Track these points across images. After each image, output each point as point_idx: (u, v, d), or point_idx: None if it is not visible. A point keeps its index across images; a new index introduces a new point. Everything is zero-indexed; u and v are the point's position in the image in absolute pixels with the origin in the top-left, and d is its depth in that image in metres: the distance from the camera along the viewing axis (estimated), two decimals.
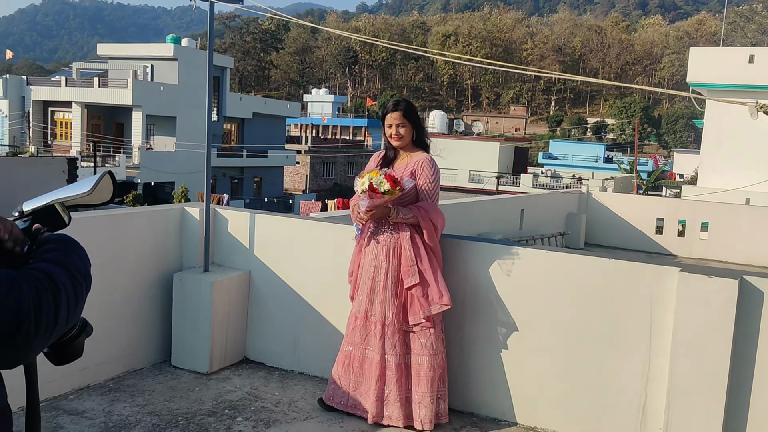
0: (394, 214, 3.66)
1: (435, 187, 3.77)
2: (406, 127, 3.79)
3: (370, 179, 3.58)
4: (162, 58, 36.99)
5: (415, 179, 3.74)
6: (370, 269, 3.78)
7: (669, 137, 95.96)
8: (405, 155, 3.87)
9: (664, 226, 11.72)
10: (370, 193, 3.58)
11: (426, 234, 3.70)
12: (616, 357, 3.70)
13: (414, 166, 3.77)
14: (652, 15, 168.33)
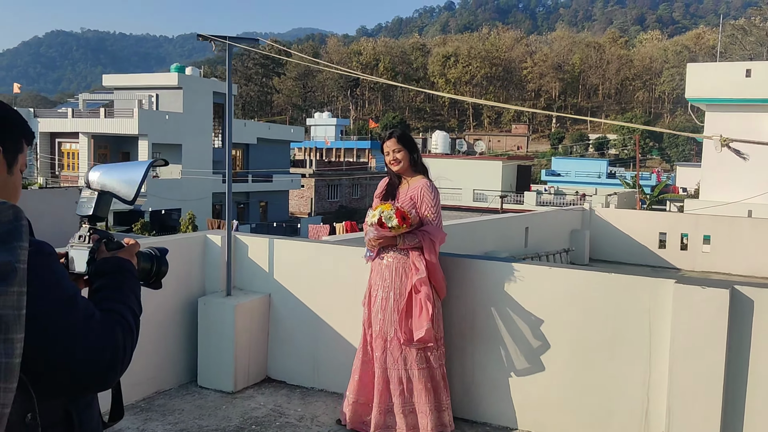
0: (401, 242, 3.95)
1: (437, 210, 4.05)
2: (402, 152, 4.08)
3: (381, 213, 3.87)
4: (166, 87, 37.52)
5: (415, 205, 4.00)
6: (378, 288, 4.05)
7: (671, 151, 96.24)
8: (405, 180, 4.15)
9: (667, 240, 11.94)
10: (377, 227, 3.87)
11: (428, 258, 3.95)
12: (619, 365, 3.94)
13: (413, 192, 4.05)
14: (650, 30, 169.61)
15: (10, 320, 1.02)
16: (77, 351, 1.32)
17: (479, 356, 4.30)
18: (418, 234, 3.96)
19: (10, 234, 1.05)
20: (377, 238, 3.97)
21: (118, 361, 1.39)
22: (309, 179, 51.39)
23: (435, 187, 4.10)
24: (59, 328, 1.30)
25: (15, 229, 1.05)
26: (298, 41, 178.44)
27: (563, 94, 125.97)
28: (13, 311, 1.03)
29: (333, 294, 4.79)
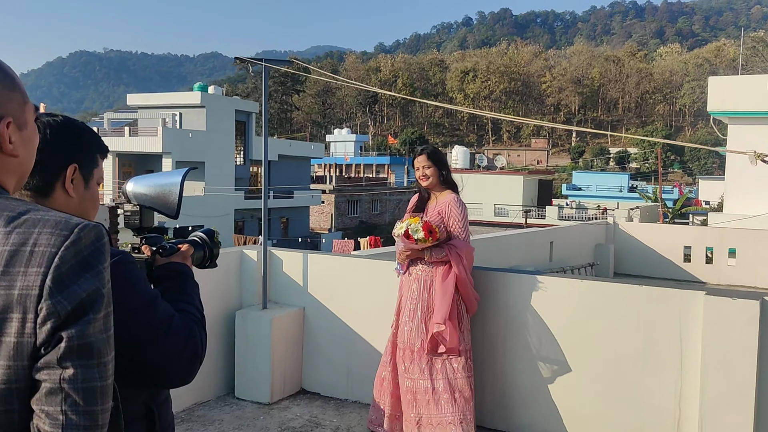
0: (428, 255, 4.06)
1: (464, 225, 4.16)
2: (431, 168, 4.21)
3: (408, 225, 3.99)
4: (190, 106, 38.05)
5: (443, 220, 4.12)
6: (407, 300, 4.17)
7: (693, 164, 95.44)
8: (434, 196, 4.27)
9: (692, 253, 11.92)
10: (404, 239, 3.99)
11: (457, 272, 4.06)
12: (650, 376, 4.00)
13: (441, 207, 4.17)
14: (669, 43, 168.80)
15: (101, 345, 1.05)
16: (161, 349, 1.46)
17: (510, 367, 4.38)
18: (445, 248, 4.07)
19: (93, 256, 1.07)
20: (404, 250, 4.09)
21: (198, 356, 1.53)
22: (329, 195, 51.67)
23: (463, 202, 4.22)
24: (143, 330, 1.44)
25: (97, 250, 1.08)
26: (317, 59, 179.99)
27: (583, 108, 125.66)
28: (102, 335, 1.06)
29: (365, 307, 4.91)
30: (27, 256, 1.02)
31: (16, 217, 1.06)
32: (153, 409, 1.57)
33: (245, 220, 39.20)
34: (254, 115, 42.81)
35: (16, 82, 1.19)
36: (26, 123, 1.20)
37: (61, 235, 1.04)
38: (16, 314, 1.00)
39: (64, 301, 1.02)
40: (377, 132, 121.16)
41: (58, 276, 1.02)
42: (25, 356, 1.01)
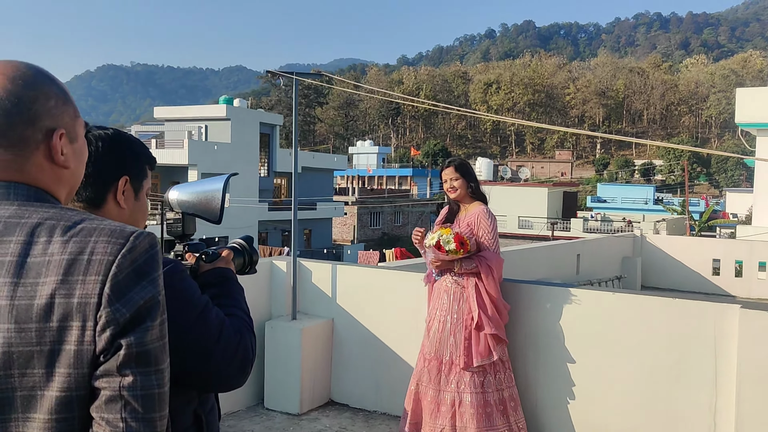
0: (458, 267, 4.06)
1: (494, 236, 4.16)
2: (459, 180, 4.22)
3: (440, 236, 4.00)
4: (215, 119, 38.48)
5: (473, 231, 4.12)
6: (437, 313, 4.16)
7: (720, 176, 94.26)
8: (464, 208, 4.28)
9: (721, 267, 11.76)
10: (435, 250, 4.00)
11: (486, 283, 4.07)
12: (684, 391, 3.95)
13: (470, 218, 4.17)
14: (695, 54, 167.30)
15: (158, 352, 1.07)
16: (215, 355, 1.50)
17: (541, 380, 4.36)
18: (475, 259, 4.07)
19: (148, 264, 1.08)
20: (434, 261, 4.09)
21: (249, 360, 1.57)
22: (352, 207, 51.79)
23: (492, 213, 4.21)
24: (198, 338, 1.48)
25: (152, 258, 1.10)
26: (339, 71, 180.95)
27: (607, 120, 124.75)
28: (159, 342, 1.07)
29: (394, 318, 4.91)
30: (85, 264, 1.03)
31: (72, 226, 1.07)
32: (202, 416, 1.60)
33: (269, 232, 39.42)
34: (278, 128, 43.16)
35: (69, 97, 1.23)
36: (77, 136, 1.23)
37: (117, 243, 1.06)
38: (76, 322, 1.01)
39: (123, 308, 1.03)
40: (400, 144, 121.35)
41: (116, 284, 1.03)
42: (85, 364, 1.02)
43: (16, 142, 1.13)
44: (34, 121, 1.14)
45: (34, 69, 1.18)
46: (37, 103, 1.14)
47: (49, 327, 1.01)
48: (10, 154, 1.13)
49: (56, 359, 1.01)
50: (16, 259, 1.04)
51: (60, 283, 1.02)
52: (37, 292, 1.02)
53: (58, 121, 1.17)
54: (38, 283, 1.02)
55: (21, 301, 1.01)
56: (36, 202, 1.12)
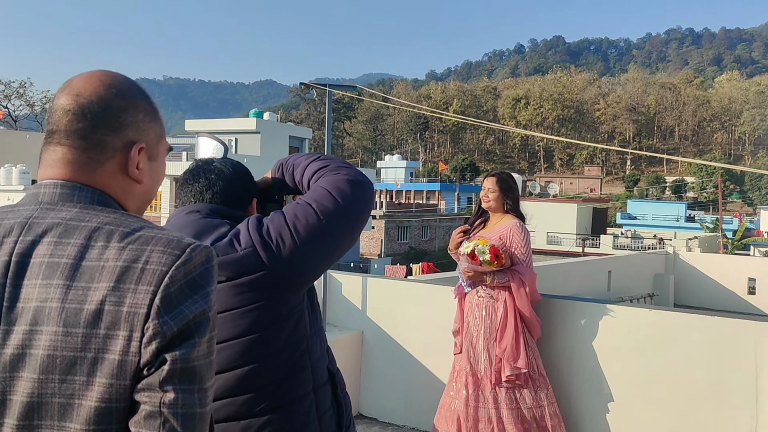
0: (491, 280, 4.02)
1: (527, 251, 4.10)
2: (495, 193, 4.17)
3: (476, 245, 3.96)
4: (245, 132, 38.89)
5: (504, 244, 4.06)
6: (469, 326, 4.12)
7: (753, 194, 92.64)
8: (496, 219, 4.23)
9: (757, 286, 11.50)
10: (469, 258, 3.95)
11: (517, 298, 4.02)
12: (723, 411, 3.85)
13: (502, 232, 4.11)
14: (728, 70, 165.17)
15: (204, 370, 1.03)
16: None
17: (575, 397, 4.28)
18: (507, 273, 4.02)
19: (203, 277, 1.06)
20: (467, 271, 4.05)
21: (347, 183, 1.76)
22: (379, 221, 51.81)
23: (526, 228, 4.16)
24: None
25: (207, 272, 1.07)
26: (368, 86, 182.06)
27: (638, 136, 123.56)
28: (206, 359, 1.03)
29: (424, 332, 4.87)
30: (138, 273, 1.01)
31: (131, 233, 1.06)
32: (334, 372, 1.76)
33: None
34: (307, 141, 43.45)
35: (159, 117, 1.25)
36: (158, 156, 1.24)
37: (173, 254, 1.04)
38: (123, 332, 0.99)
39: (171, 321, 1.00)
40: (428, 158, 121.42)
41: (167, 296, 1.01)
42: (128, 376, 0.99)
43: (95, 145, 1.14)
44: (119, 130, 1.15)
45: (131, 82, 1.21)
46: (125, 114, 1.16)
47: (96, 334, 0.98)
48: (85, 157, 1.13)
49: (99, 368, 0.98)
50: (71, 262, 1.02)
51: (111, 289, 1.00)
52: (88, 297, 1.00)
53: (142, 135, 1.18)
54: (90, 288, 1.00)
55: (72, 304, 0.99)
56: (99, 206, 1.11)
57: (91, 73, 1.18)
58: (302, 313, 1.67)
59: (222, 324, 1.57)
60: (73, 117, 1.13)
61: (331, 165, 1.77)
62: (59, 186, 1.12)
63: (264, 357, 1.60)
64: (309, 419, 1.64)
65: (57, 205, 1.10)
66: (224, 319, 1.58)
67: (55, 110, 1.15)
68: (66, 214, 1.08)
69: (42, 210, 1.10)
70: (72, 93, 1.14)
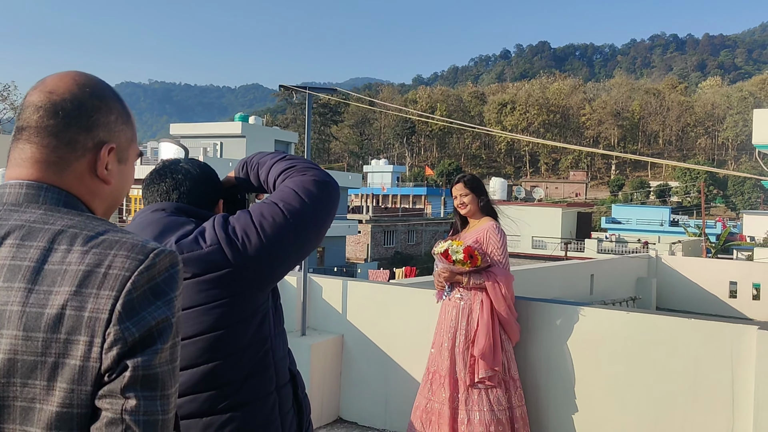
0: (466, 281, 4.00)
1: (503, 252, 4.08)
2: (469, 196, 4.16)
3: (450, 245, 3.95)
4: (231, 136, 38.80)
5: (481, 246, 4.04)
6: (445, 328, 4.10)
7: (737, 199, 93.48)
8: (473, 223, 4.21)
9: (738, 289, 11.59)
10: (442, 257, 3.95)
11: (493, 299, 4.00)
12: (700, 413, 3.86)
13: (478, 234, 4.09)
14: (711, 76, 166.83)
15: (166, 376, 1.02)
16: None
17: (553, 400, 4.28)
18: (483, 274, 4.01)
19: (166, 283, 1.04)
20: (442, 271, 4.04)
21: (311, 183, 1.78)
22: (366, 225, 51.77)
23: (502, 229, 4.14)
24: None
25: (171, 278, 1.05)
26: (355, 90, 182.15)
27: (623, 141, 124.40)
28: (168, 366, 1.02)
29: (404, 335, 4.85)
30: (101, 278, 1.00)
31: (95, 236, 1.04)
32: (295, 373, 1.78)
33: None
34: (293, 145, 43.40)
35: (131, 120, 1.25)
36: (128, 158, 1.24)
37: (136, 259, 1.02)
38: (84, 337, 0.97)
39: (133, 328, 0.99)
40: (414, 163, 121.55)
41: (129, 302, 0.99)
42: (89, 381, 0.97)
43: (66, 143, 1.12)
44: (90, 129, 1.14)
45: (105, 84, 1.22)
46: (98, 113, 1.16)
47: (56, 338, 0.97)
48: (54, 156, 1.12)
49: (59, 373, 0.97)
50: (33, 265, 1.01)
51: (73, 294, 0.98)
52: (49, 301, 0.98)
53: (113, 137, 1.18)
54: (52, 291, 0.99)
55: (32, 308, 0.98)
56: (64, 207, 1.10)
57: (65, 73, 1.18)
58: (267, 312, 1.67)
59: (186, 320, 1.57)
60: (44, 113, 1.12)
61: (298, 165, 1.77)
62: (25, 186, 1.11)
63: (228, 355, 1.59)
64: (271, 418, 1.64)
65: (21, 207, 1.09)
66: (189, 315, 1.57)
67: (27, 107, 1.14)
68: (30, 216, 1.07)
69: (5, 211, 1.08)
70: (45, 90, 1.14)
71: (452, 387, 4.00)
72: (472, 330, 3.99)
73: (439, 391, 4.06)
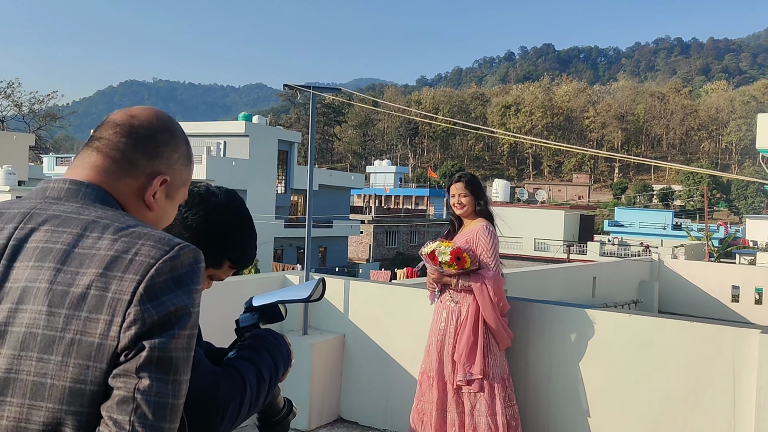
0: (455, 282, 3.95)
1: (493, 254, 3.98)
2: (468, 197, 4.07)
3: (437, 246, 3.91)
4: (234, 135, 38.77)
5: (471, 248, 3.95)
6: (437, 330, 4.06)
7: (740, 203, 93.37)
8: (467, 223, 4.13)
9: (740, 294, 11.56)
10: (428, 258, 3.92)
11: (480, 302, 3.92)
12: (702, 416, 3.85)
13: (469, 235, 4.02)
14: (716, 80, 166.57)
15: (180, 362, 1.05)
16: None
17: (554, 402, 4.27)
18: (472, 277, 3.93)
19: (188, 275, 1.09)
20: (431, 273, 4.00)
21: (213, 411, 1.33)
22: (368, 225, 51.81)
23: (493, 231, 4.03)
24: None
25: (193, 271, 1.10)
26: (359, 91, 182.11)
27: (626, 144, 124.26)
28: (184, 353, 1.05)
29: (406, 336, 4.85)
30: (127, 263, 1.05)
31: (125, 228, 1.10)
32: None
33: (284, 249, 39.49)
34: (296, 145, 43.41)
35: (191, 166, 1.34)
36: (175, 197, 1.31)
37: (162, 249, 1.08)
38: (105, 316, 1.01)
39: (153, 310, 1.03)
40: (417, 164, 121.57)
41: (151, 286, 1.04)
42: (105, 359, 1.00)
43: (128, 161, 1.21)
44: (153, 158, 1.23)
45: (181, 128, 1.31)
46: (166, 147, 1.25)
47: (78, 315, 1.01)
48: (114, 167, 1.21)
49: (76, 349, 1.00)
50: (64, 248, 1.06)
51: (99, 276, 1.03)
52: (75, 281, 1.03)
53: (170, 172, 1.26)
54: (79, 272, 1.04)
55: (59, 286, 1.03)
56: (100, 203, 1.16)
57: (150, 107, 1.29)
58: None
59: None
60: (120, 130, 1.22)
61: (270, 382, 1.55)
62: (68, 182, 1.18)
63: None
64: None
65: (61, 201, 1.15)
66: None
67: (107, 122, 1.25)
68: (67, 207, 1.14)
69: (46, 203, 1.15)
70: (128, 114, 1.25)
71: (440, 388, 3.97)
72: (461, 331, 3.94)
73: (428, 391, 4.02)
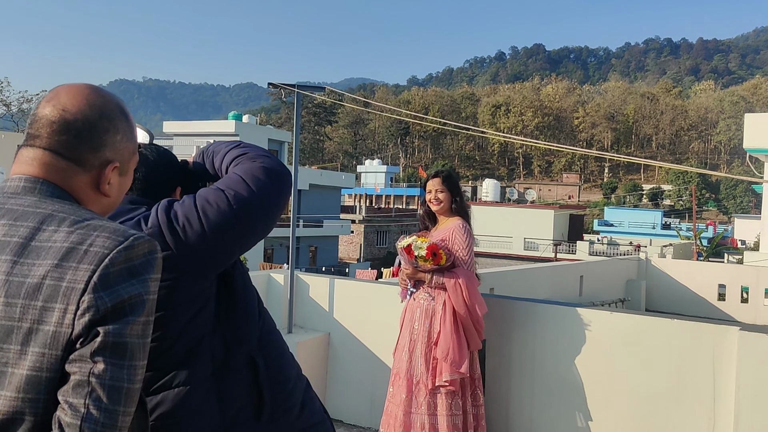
0: (429, 279, 3.89)
1: (469, 253, 3.91)
2: (444, 193, 4.01)
3: (414, 240, 3.86)
4: (224, 134, 38.68)
5: (446, 245, 3.89)
6: (408, 329, 3.97)
7: (729, 202, 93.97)
8: (442, 221, 4.08)
9: (727, 292, 11.64)
10: (404, 252, 3.86)
11: (453, 300, 3.85)
12: (682, 412, 3.89)
13: (445, 233, 3.96)
14: (705, 80, 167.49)
15: (135, 348, 1.07)
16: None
17: (538, 399, 4.30)
18: (446, 274, 3.86)
19: (143, 266, 1.11)
20: (405, 268, 3.93)
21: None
22: (358, 225, 51.81)
23: (469, 229, 3.98)
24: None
25: (148, 263, 1.12)
26: (349, 90, 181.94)
27: (616, 144, 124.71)
28: (139, 340, 1.08)
29: (390, 333, 4.83)
30: (81, 254, 1.08)
31: (81, 221, 1.13)
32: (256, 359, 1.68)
33: (274, 248, 39.42)
34: (287, 144, 43.35)
35: (134, 133, 1.33)
36: (128, 170, 1.32)
37: (116, 240, 1.10)
38: (59, 305, 1.04)
39: (106, 297, 1.05)
40: (408, 164, 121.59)
41: (105, 275, 1.06)
42: (60, 346, 1.03)
43: (74, 159, 1.21)
44: (98, 149, 1.23)
45: (114, 102, 1.28)
46: (107, 135, 1.24)
47: (34, 305, 1.04)
48: (63, 164, 1.20)
49: (32, 337, 1.03)
50: (21, 241, 1.09)
51: (54, 267, 1.06)
52: (31, 272, 1.06)
53: (117, 154, 1.26)
54: (35, 264, 1.06)
55: (15, 278, 1.05)
56: (56, 198, 1.18)
57: (78, 89, 1.24)
58: (208, 300, 1.64)
59: None
60: (57, 128, 1.20)
61: (249, 153, 1.75)
62: (23, 180, 1.19)
63: (161, 339, 1.57)
64: (204, 406, 1.61)
65: (18, 195, 1.17)
66: None
67: (39, 118, 1.21)
68: (24, 201, 1.16)
69: (3, 198, 1.17)
70: (58, 106, 1.21)
71: (411, 390, 3.86)
72: (435, 332, 3.85)
73: (397, 393, 3.93)
